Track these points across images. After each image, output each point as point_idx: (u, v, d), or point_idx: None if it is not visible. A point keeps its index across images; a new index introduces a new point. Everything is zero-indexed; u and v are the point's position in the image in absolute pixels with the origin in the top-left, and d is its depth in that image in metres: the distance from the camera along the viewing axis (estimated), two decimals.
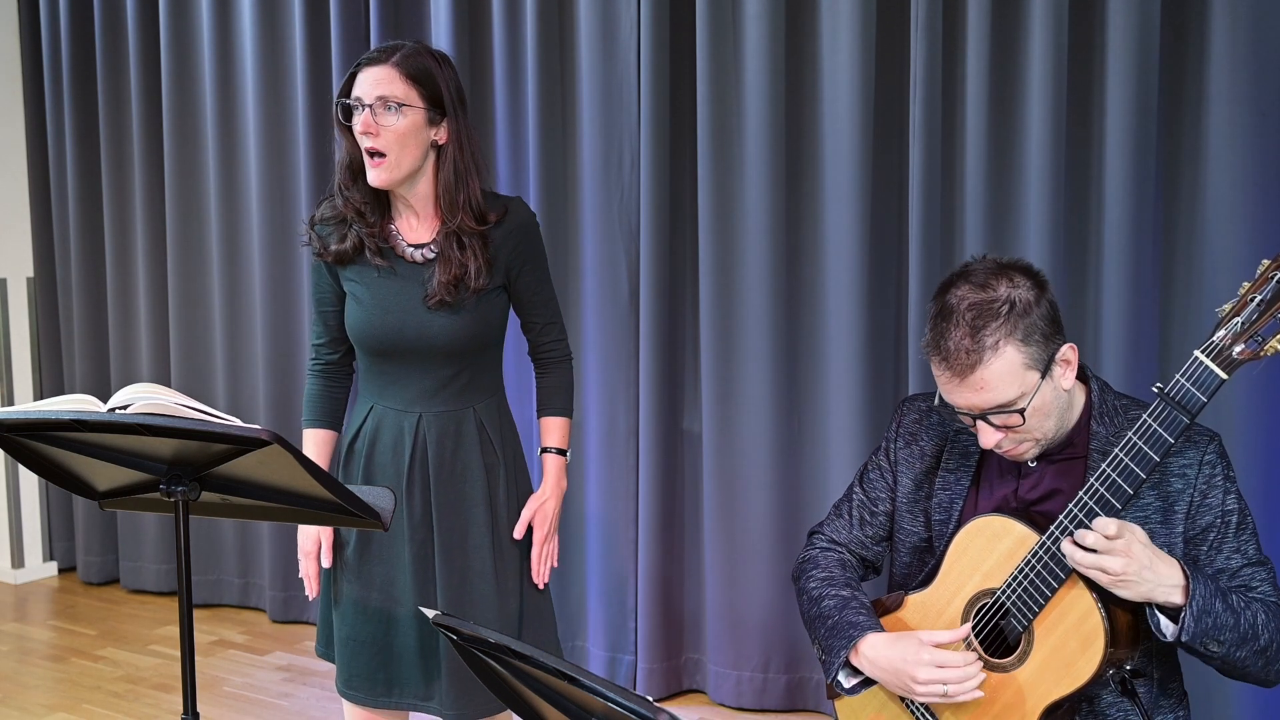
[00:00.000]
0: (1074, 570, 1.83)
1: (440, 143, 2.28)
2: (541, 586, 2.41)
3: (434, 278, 2.28)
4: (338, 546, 2.41)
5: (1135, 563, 1.77)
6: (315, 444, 2.44)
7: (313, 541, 2.42)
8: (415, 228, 2.33)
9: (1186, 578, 1.80)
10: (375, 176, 2.25)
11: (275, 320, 4.31)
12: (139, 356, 4.68)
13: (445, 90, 2.27)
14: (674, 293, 3.66)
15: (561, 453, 2.48)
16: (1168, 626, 1.82)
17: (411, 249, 2.32)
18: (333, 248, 2.33)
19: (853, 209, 3.34)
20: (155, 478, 1.83)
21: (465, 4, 3.87)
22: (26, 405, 1.80)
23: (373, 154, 2.23)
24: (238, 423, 1.74)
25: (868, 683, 2.01)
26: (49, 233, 4.90)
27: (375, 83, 2.22)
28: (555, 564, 2.44)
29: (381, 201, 2.33)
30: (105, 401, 1.78)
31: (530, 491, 2.47)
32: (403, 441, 2.34)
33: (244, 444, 1.72)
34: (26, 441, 1.81)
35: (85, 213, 4.76)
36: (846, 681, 2.02)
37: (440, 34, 3.86)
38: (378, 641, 2.37)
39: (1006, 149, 3.17)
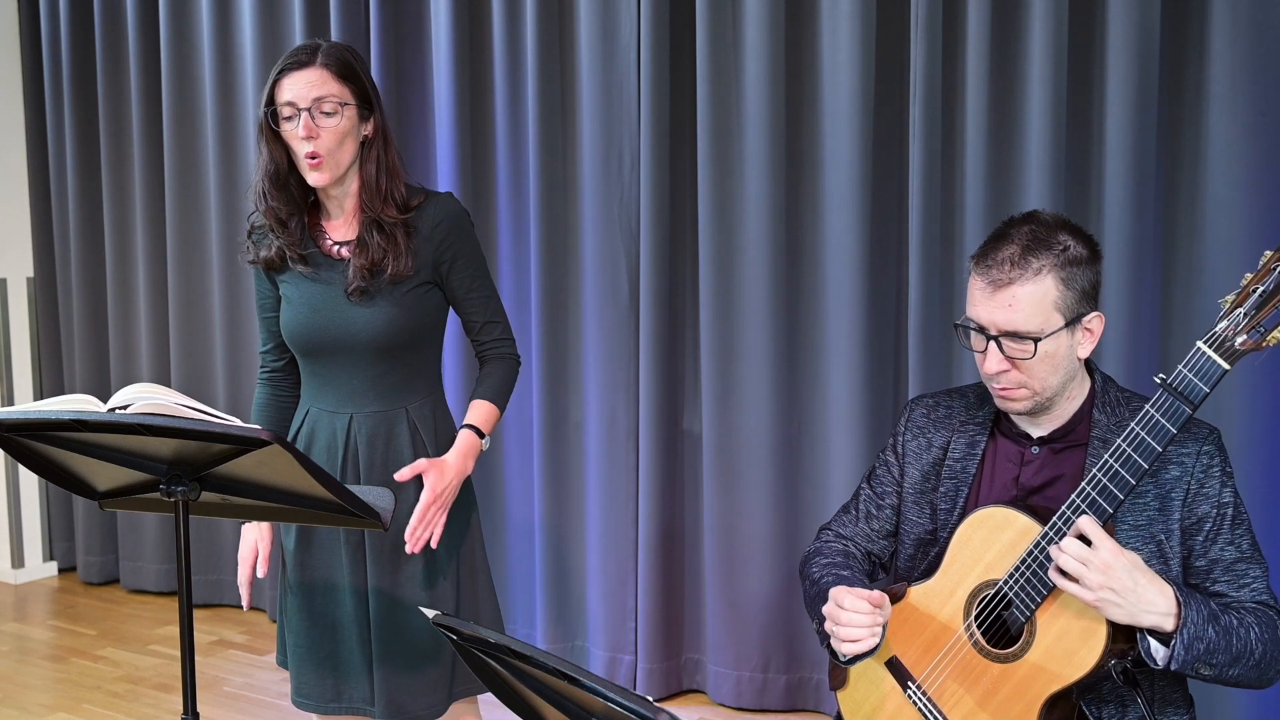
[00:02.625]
0: None
1: (368, 136, 2.29)
2: (409, 551, 2.22)
3: (351, 267, 2.27)
4: (284, 557, 2.40)
5: (1114, 579, 1.77)
6: None
7: (250, 549, 2.40)
8: (341, 225, 2.34)
9: (1179, 604, 1.80)
10: (318, 178, 2.25)
11: None
12: (139, 356, 4.68)
13: (370, 86, 2.29)
14: (674, 293, 3.66)
15: (479, 434, 2.33)
16: (1159, 651, 1.82)
17: (337, 245, 2.32)
18: (262, 254, 2.35)
19: (853, 209, 3.34)
20: (155, 478, 1.84)
21: (465, 4, 3.87)
22: (26, 405, 1.80)
23: (312, 156, 2.23)
24: (237, 423, 1.75)
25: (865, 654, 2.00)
26: (49, 233, 4.90)
27: (309, 85, 2.22)
28: (435, 543, 2.24)
29: (304, 204, 2.34)
30: (105, 401, 1.78)
31: (470, 496, 2.42)
32: (335, 443, 2.33)
33: (244, 444, 1.73)
34: (26, 441, 1.81)
35: (85, 213, 4.76)
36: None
37: (440, 34, 3.86)
38: (323, 648, 2.36)
39: (1006, 149, 3.17)
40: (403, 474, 2.22)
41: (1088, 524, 1.80)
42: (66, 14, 4.66)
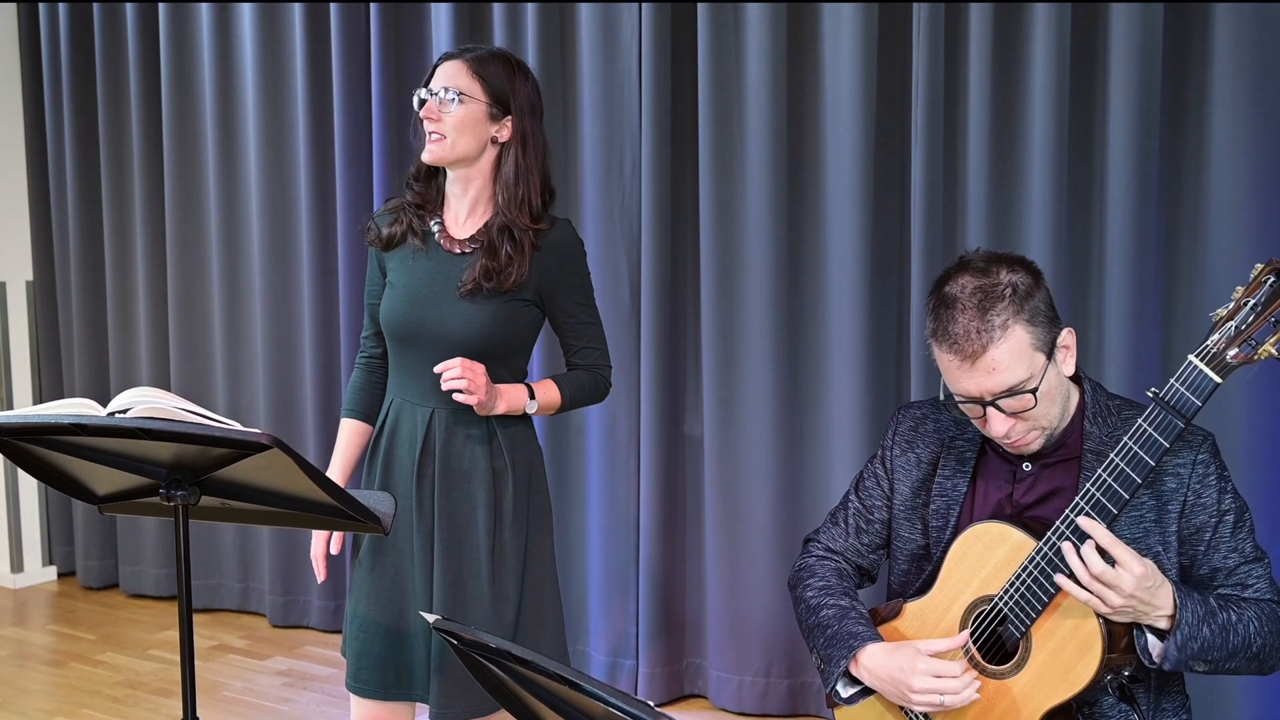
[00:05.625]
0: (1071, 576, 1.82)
1: (501, 140, 2.35)
2: (439, 372, 2.25)
3: (475, 263, 2.32)
4: (355, 538, 2.44)
5: (1134, 600, 1.77)
6: (347, 433, 2.50)
7: None
8: (461, 222, 2.39)
9: (1176, 607, 1.80)
10: (428, 151, 2.34)
11: (275, 324, 4.31)
12: (138, 360, 4.67)
13: (512, 92, 2.36)
14: (675, 296, 3.65)
15: (530, 393, 2.38)
16: (1154, 647, 1.83)
17: (453, 241, 2.38)
18: (384, 232, 2.42)
19: (854, 212, 3.34)
20: (155, 482, 1.83)
21: (466, 12, 3.86)
22: (26, 409, 1.79)
23: (432, 135, 2.33)
24: (237, 426, 1.74)
25: (865, 693, 2.01)
26: (48, 236, 4.89)
27: (444, 75, 2.34)
28: (464, 399, 2.25)
29: (437, 199, 2.42)
30: (105, 405, 1.77)
31: (549, 507, 2.46)
32: (416, 435, 2.36)
33: (244, 448, 1.72)
34: (26, 445, 1.80)
35: (84, 216, 4.75)
36: (844, 691, 2.02)
37: (441, 41, 3.86)
38: (389, 633, 2.38)
39: (1008, 152, 3.17)
40: (445, 363, 2.25)
41: (1103, 534, 1.78)
42: (66, 19, 4.65)
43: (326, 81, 4.14)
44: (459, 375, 2.24)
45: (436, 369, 2.27)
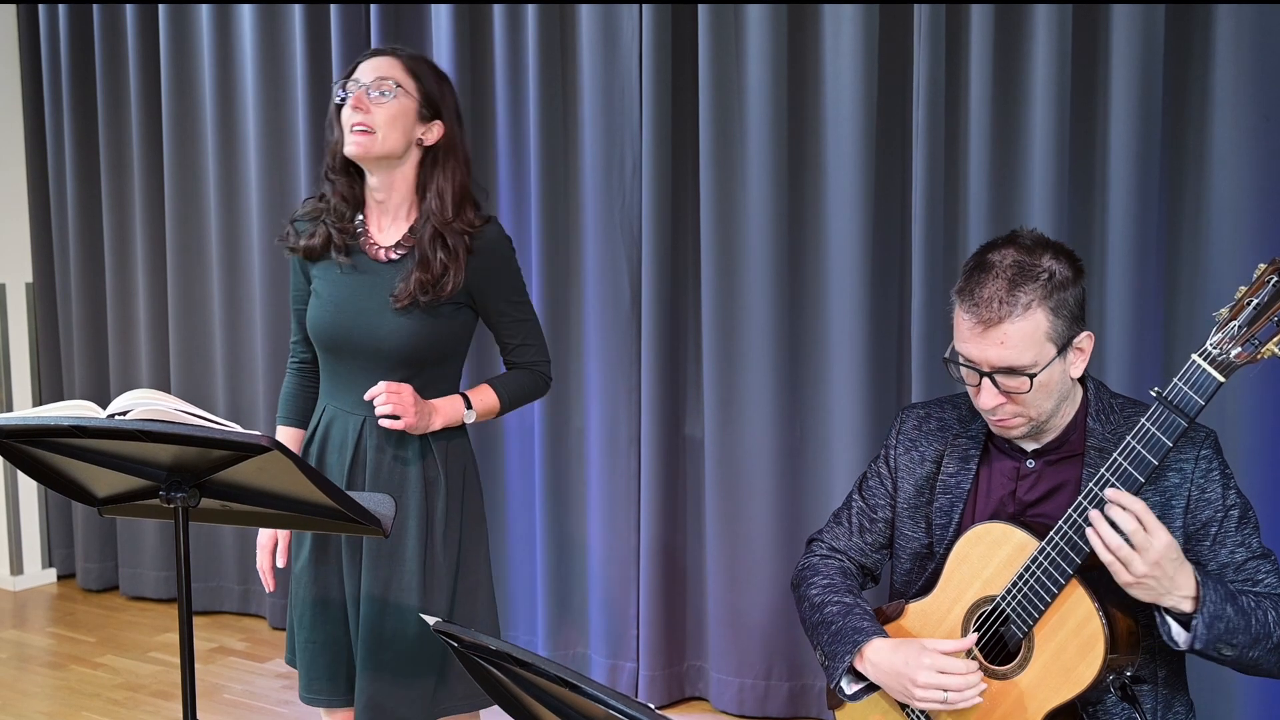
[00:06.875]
0: (1074, 575, 1.82)
1: (428, 143, 2.30)
2: (368, 398, 2.21)
3: (409, 276, 2.26)
4: (295, 551, 2.40)
5: (1159, 569, 1.77)
6: (283, 440, 2.43)
7: (269, 536, 2.43)
8: (385, 228, 2.34)
9: (1198, 585, 1.79)
10: (353, 143, 2.24)
11: (275, 326, 4.30)
12: (138, 362, 4.67)
13: (442, 97, 2.31)
14: (676, 298, 3.65)
15: (467, 404, 2.34)
16: (1179, 634, 1.82)
17: (378, 249, 2.32)
18: (303, 243, 2.35)
19: (855, 215, 3.33)
20: (155, 484, 1.83)
21: (466, 12, 3.86)
22: (25, 411, 1.79)
23: (358, 127, 2.23)
24: (237, 428, 1.74)
25: (869, 689, 2.01)
26: (48, 238, 4.89)
27: (375, 68, 2.28)
28: (400, 425, 2.22)
29: (357, 198, 2.34)
30: (104, 407, 1.77)
31: (483, 517, 2.42)
32: (347, 443, 2.33)
33: (243, 450, 1.72)
34: (25, 448, 1.80)
35: (84, 218, 4.75)
36: (849, 688, 2.02)
37: (441, 41, 3.85)
38: (338, 641, 2.36)
39: (1010, 153, 3.16)
40: (370, 392, 2.20)
41: (1132, 501, 1.78)
42: (66, 19, 4.65)
43: (326, 81, 4.13)
44: (385, 401, 2.20)
45: (366, 396, 2.21)
